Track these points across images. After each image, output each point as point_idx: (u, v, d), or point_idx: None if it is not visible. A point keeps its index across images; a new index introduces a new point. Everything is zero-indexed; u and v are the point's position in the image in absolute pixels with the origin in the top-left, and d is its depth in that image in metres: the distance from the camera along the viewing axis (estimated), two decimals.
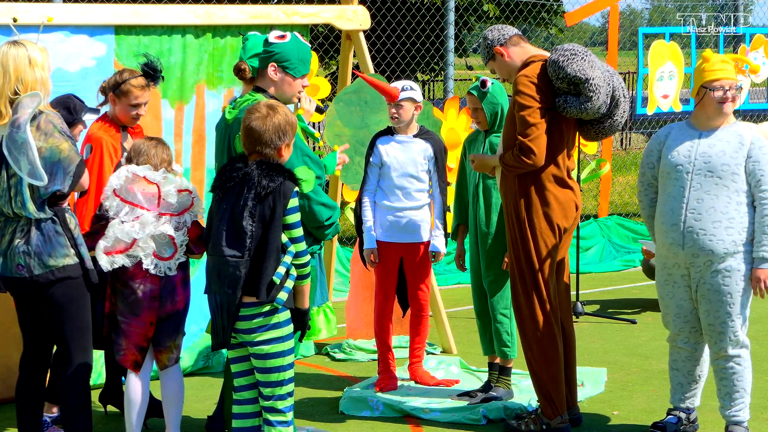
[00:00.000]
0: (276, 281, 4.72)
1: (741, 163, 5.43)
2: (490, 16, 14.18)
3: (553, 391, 5.71)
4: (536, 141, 5.52)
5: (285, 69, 5.24)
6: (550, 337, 5.69)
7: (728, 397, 5.57)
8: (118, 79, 5.77)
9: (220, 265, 4.73)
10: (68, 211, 5.01)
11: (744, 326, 5.52)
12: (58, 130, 4.88)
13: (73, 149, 4.90)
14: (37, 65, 4.90)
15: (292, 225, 4.78)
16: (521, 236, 5.67)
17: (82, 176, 4.95)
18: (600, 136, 5.81)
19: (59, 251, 4.92)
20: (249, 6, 7.03)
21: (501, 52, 5.76)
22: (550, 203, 5.65)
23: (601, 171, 11.54)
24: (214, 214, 4.83)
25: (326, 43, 12.94)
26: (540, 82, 5.56)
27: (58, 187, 4.88)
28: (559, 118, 5.63)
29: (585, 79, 5.47)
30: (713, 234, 5.43)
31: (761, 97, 15.80)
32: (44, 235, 4.91)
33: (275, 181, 4.72)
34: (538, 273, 5.66)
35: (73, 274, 4.96)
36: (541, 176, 5.63)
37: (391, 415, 6.21)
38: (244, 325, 4.77)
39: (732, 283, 5.44)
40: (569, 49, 5.52)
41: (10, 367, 6.20)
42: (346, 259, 9.51)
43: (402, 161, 6.54)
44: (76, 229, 5.00)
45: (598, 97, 5.53)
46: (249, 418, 4.95)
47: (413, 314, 6.76)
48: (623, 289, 9.86)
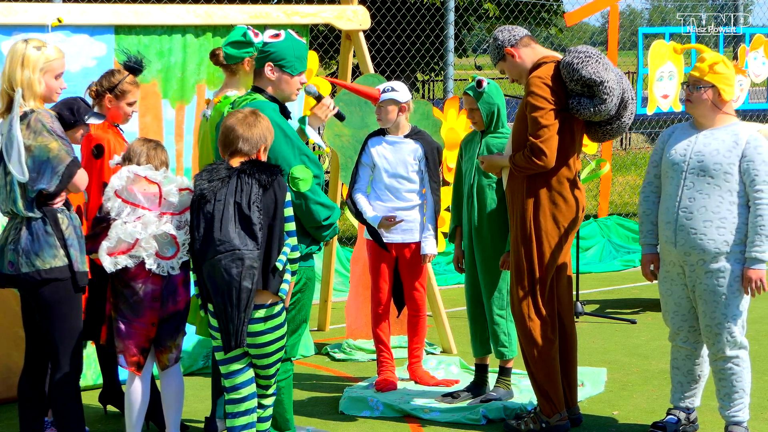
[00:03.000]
0: (279, 267, 4.80)
1: (734, 162, 5.41)
2: (490, 16, 14.18)
3: (550, 389, 5.72)
4: (548, 142, 5.52)
5: (282, 68, 5.22)
6: (548, 336, 5.70)
7: (727, 398, 5.57)
8: (113, 80, 5.77)
9: (232, 260, 4.72)
10: (62, 212, 4.99)
11: (741, 327, 5.51)
12: (47, 129, 4.88)
13: (63, 149, 4.89)
14: (28, 66, 4.91)
15: (288, 218, 4.88)
16: (525, 236, 5.67)
17: (73, 177, 4.92)
18: (607, 137, 5.82)
19: (47, 251, 4.92)
20: (249, 6, 7.03)
21: (512, 53, 5.76)
22: (559, 205, 5.66)
23: (601, 171, 11.52)
24: (208, 217, 4.80)
25: (326, 43, 12.94)
26: (553, 83, 5.57)
27: (44, 186, 4.88)
28: (570, 120, 5.64)
29: (600, 81, 5.48)
30: (704, 233, 5.42)
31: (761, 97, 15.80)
32: (33, 235, 4.92)
33: (274, 174, 4.81)
34: (538, 273, 5.67)
35: (60, 276, 4.95)
36: (551, 177, 5.64)
37: (391, 415, 6.21)
38: (256, 328, 4.84)
39: (726, 284, 5.43)
40: (583, 51, 5.53)
41: (10, 367, 6.21)
42: (346, 259, 9.51)
43: (392, 162, 6.54)
44: (68, 229, 4.98)
45: (612, 100, 5.55)
46: (244, 416, 4.97)
47: (410, 314, 6.76)
48: (623, 289, 9.86)
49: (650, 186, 5.72)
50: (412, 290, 6.72)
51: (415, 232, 6.60)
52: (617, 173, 16.20)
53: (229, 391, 4.97)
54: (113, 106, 5.78)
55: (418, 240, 6.62)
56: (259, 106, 5.09)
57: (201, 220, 4.85)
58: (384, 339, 6.69)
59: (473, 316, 6.43)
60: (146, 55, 6.52)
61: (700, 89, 5.47)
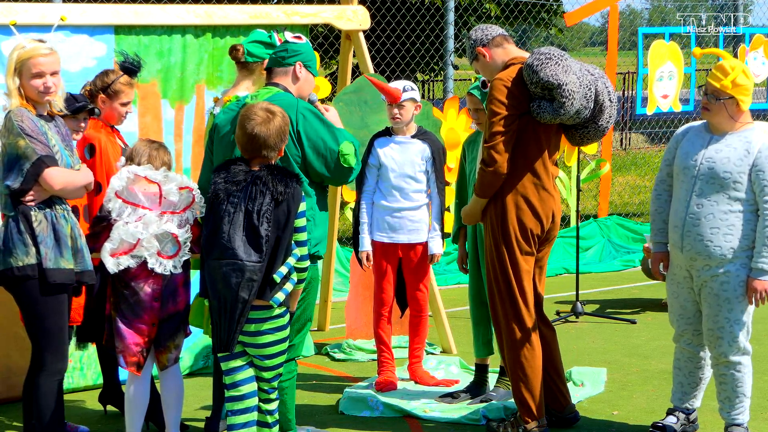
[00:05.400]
0: (276, 279, 4.76)
1: (745, 171, 5.37)
2: (490, 16, 14.18)
3: (529, 396, 5.65)
4: (498, 148, 5.45)
5: (308, 68, 5.37)
6: (526, 343, 5.63)
7: (728, 401, 5.56)
8: (106, 80, 5.78)
9: (233, 270, 4.73)
10: (36, 210, 4.94)
11: (746, 333, 5.50)
12: (16, 127, 4.90)
13: (29, 147, 4.89)
14: (9, 67, 4.96)
15: (300, 229, 4.88)
16: (495, 243, 5.62)
17: (40, 174, 4.91)
18: (585, 141, 5.73)
19: (19, 249, 4.92)
20: (249, 6, 7.03)
21: (483, 53, 5.69)
22: (525, 210, 5.58)
23: (600, 171, 11.54)
24: (217, 216, 4.82)
25: (326, 43, 12.93)
26: (514, 86, 5.48)
27: (9, 182, 4.91)
28: (535, 124, 5.54)
29: (557, 84, 5.38)
30: (710, 240, 5.40)
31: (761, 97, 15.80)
32: (7, 232, 4.94)
33: (290, 186, 4.78)
34: (512, 280, 5.60)
35: (31, 274, 4.95)
36: (515, 182, 5.56)
37: (391, 415, 6.21)
38: (251, 328, 4.84)
39: (731, 290, 5.42)
40: (545, 52, 5.42)
41: (10, 367, 6.20)
42: (346, 259, 9.51)
43: (400, 162, 6.54)
44: (40, 226, 4.95)
45: (572, 103, 5.44)
46: (245, 413, 4.97)
47: (412, 314, 6.76)
48: (623, 289, 9.85)
49: (662, 184, 5.68)
50: (415, 291, 6.72)
51: (422, 233, 6.60)
52: (617, 173, 16.19)
53: (229, 389, 4.98)
54: (107, 106, 5.79)
55: (424, 240, 6.63)
56: (283, 98, 5.16)
57: (210, 219, 4.85)
58: (385, 339, 6.69)
59: (476, 318, 6.43)
60: (146, 55, 6.55)
61: (720, 101, 5.41)
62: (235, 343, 4.83)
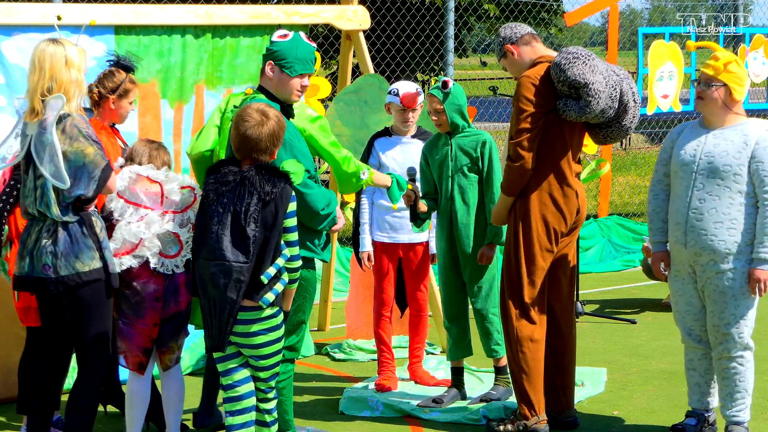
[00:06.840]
0: (264, 281, 4.76)
1: (744, 163, 5.40)
2: (490, 16, 14.18)
3: (530, 391, 5.67)
4: (523, 144, 5.51)
5: (281, 67, 5.20)
6: (533, 339, 5.65)
7: (729, 397, 5.56)
8: (115, 81, 5.76)
9: (220, 270, 4.74)
10: (95, 214, 5.00)
11: (750, 328, 5.50)
12: (83, 134, 4.86)
13: (98, 154, 4.87)
14: (73, 66, 4.89)
15: (289, 229, 4.86)
16: (515, 238, 5.66)
17: (108, 180, 4.91)
18: (609, 140, 5.81)
19: (86, 254, 4.91)
20: (249, 6, 7.03)
21: (511, 51, 5.77)
22: (549, 206, 5.64)
23: (600, 171, 11.52)
24: (207, 217, 4.82)
25: (326, 43, 12.93)
26: (541, 84, 5.56)
27: (82, 191, 4.86)
28: (561, 122, 5.62)
29: (584, 83, 5.45)
30: (714, 234, 5.42)
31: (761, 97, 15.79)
32: (71, 237, 4.89)
33: (278, 186, 4.76)
34: (527, 275, 5.64)
35: (98, 277, 4.95)
36: (541, 180, 5.62)
37: (391, 415, 6.21)
38: (243, 329, 4.83)
39: (736, 285, 5.42)
40: (572, 52, 5.50)
41: (10, 367, 6.20)
42: (346, 259, 9.51)
43: (400, 162, 6.54)
44: (102, 232, 4.99)
45: (598, 102, 5.51)
46: (242, 414, 4.97)
47: (412, 315, 6.76)
48: (623, 289, 9.86)
49: (659, 184, 5.70)
50: (415, 291, 6.72)
51: (422, 233, 6.60)
52: (617, 173, 16.19)
53: (227, 389, 4.98)
54: (116, 106, 5.76)
55: (425, 240, 6.63)
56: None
57: (200, 219, 4.86)
58: (386, 339, 6.69)
59: (454, 319, 6.32)
60: (146, 55, 6.55)
61: (711, 87, 5.45)
62: (227, 343, 4.83)
